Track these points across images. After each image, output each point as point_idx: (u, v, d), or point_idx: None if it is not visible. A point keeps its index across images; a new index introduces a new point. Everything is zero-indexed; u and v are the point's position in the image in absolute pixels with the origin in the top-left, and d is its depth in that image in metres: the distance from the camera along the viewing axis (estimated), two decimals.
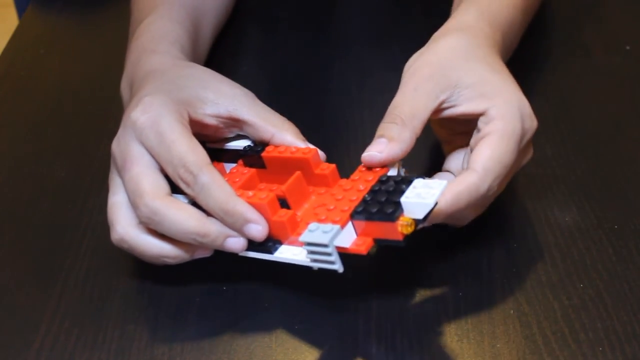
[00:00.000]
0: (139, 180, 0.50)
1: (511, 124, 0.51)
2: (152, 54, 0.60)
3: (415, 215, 0.46)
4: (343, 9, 0.83)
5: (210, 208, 0.50)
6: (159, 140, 0.50)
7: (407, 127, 0.52)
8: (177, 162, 0.50)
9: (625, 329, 0.49)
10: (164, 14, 0.65)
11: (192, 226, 0.49)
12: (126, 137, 0.52)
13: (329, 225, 0.47)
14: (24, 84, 0.77)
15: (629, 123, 0.65)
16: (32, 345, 0.51)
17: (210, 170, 0.50)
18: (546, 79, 0.70)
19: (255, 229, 0.49)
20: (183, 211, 0.49)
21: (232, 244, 0.50)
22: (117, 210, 0.52)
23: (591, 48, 0.74)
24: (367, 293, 0.52)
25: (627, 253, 0.54)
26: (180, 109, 0.52)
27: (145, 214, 0.49)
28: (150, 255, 0.51)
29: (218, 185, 0.49)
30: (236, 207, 0.49)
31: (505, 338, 0.49)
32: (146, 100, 0.52)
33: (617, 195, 0.58)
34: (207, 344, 0.50)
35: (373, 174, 0.51)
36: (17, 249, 0.58)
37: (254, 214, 0.49)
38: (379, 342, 0.49)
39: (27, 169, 0.66)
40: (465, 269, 0.53)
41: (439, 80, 0.53)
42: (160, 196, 0.50)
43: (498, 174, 0.50)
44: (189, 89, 0.54)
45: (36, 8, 0.89)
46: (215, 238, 0.50)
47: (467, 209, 0.50)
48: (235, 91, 0.55)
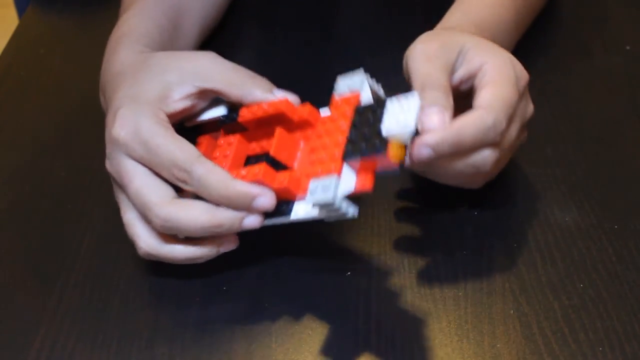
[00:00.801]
0: (142, 194, 0.50)
1: (505, 70, 0.53)
2: (115, 54, 0.59)
3: (402, 140, 0.47)
4: (343, 9, 0.83)
5: (213, 198, 0.50)
6: (145, 149, 0.51)
7: (447, 93, 0.53)
8: (168, 164, 0.50)
9: (625, 329, 0.49)
10: (136, 12, 0.64)
11: (205, 221, 0.49)
12: (115, 155, 0.52)
13: (327, 179, 0.47)
14: (24, 84, 0.77)
15: (629, 123, 0.65)
16: (32, 345, 0.51)
17: (202, 162, 0.50)
18: (546, 79, 0.70)
19: (263, 201, 0.49)
20: (193, 209, 0.50)
21: (250, 223, 0.50)
22: (134, 226, 0.52)
23: (591, 48, 0.74)
24: (367, 293, 0.52)
25: (627, 253, 0.54)
26: (154, 109, 0.52)
27: (158, 224, 0.50)
28: (177, 261, 0.52)
29: (213, 174, 0.49)
30: (237, 189, 0.49)
31: (505, 338, 0.49)
32: (120, 114, 0.52)
33: (617, 195, 0.58)
34: (207, 344, 0.50)
35: (348, 105, 0.50)
36: (17, 249, 0.58)
37: (256, 188, 0.49)
38: (379, 342, 0.49)
39: (27, 169, 0.66)
40: (465, 269, 0.53)
41: (449, 44, 0.55)
42: (166, 203, 0.50)
43: (502, 109, 0.51)
44: (153, 82, 0.54)
45: (36, 8, 0.89)
46: (231, 224, 0.50)
47: (474, 145, 0.51)
48: (195, 63, 0.54)
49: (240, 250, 0.55)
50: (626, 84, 0.69)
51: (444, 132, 0.50)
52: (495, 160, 0.52)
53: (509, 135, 0.53)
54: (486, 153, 0.52)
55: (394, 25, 0.80)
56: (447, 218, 0.57)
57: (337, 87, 0.52)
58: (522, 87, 0.54)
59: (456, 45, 0.55)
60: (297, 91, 0.72)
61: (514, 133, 0.53)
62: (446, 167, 0.52)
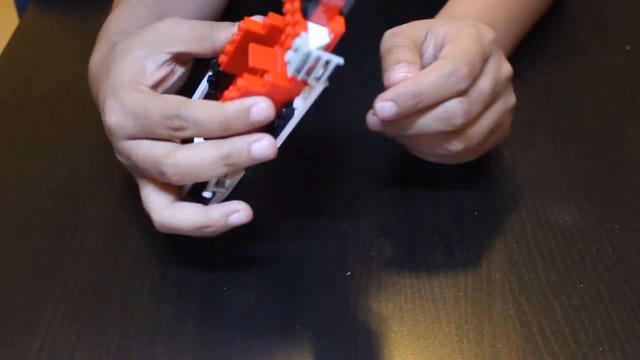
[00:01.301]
0: (149, 156, 0.50)
1: (466, 29, 0.54)
2: (96, 51, 0.60)
3: None
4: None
5: (213, 130, 0.49)
6: (136, 120, 0.50)
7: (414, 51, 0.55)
8: (160, 120, 0.49)
9: (625, 329, 0.49)
10: (119, 14, 0.64)
11: (213, 153, 0.48)
12: (118, 144, 0.52)
13: (297, 40, 0.46)
14: (24, 84, 0.77)
15: (629, 123, 0.65)
16: (32, 345, 0.51)
17: (188, 103, 0.49)
18: (546, 79, 0.70)
19: (259, 108, 0.48)
20: (199, 147, 0.49)
21: (260, 149, 0.48)
22: (147, 200, 0.52)
23: (591, 48, 0.74)
24: (367, 293, 0.52)
25: (627, 253, 0.54)
26: (133, 86, 0.52)
27: (172, 173, 0.49)
28: (188, 229, 0.51)
29: (204, 108, 0.49)
30: (229, 109, 0.48)
31: (505, 338, 0.49)
32: (106, 104, 0.52)
33: (617, 195, 0.58)
34: (207, 344, 0.50)
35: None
36: (17, 249, 0.58)
37: (248, 99, 0.48)
38: (378, 342, 0.49)
39: (27, 169, 0.66)
40: (465, 269, 0.53)
41: (418, 24, 0.57)
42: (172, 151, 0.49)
43: (461, 57, 0.52)
44: (123, 64, 0.54)
45: (36, 8, 0.89)
46: (240, 150, 0.48)
47: (437, 94, 0.52)
48: (158, 32, 0.54)
49: (240, 250, 0.56)
50: (626, 84, 0.69)
51: (404, 84, 0.51)
52: (465, 111, 0.52)
53: (479, 88, 0.53)
54: (452, 103, 0.52)
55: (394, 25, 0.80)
56: (448, 218, 0.57)
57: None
58: (487, 43, 0.54)
59: (424, 25, 0.57)
60: None
61: (485, 87, 0.53)
62: (416, 126, 0.53)
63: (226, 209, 0.50)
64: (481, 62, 0.53)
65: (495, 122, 0.55)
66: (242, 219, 0.50)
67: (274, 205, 0.60)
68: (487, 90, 0.53)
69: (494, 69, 0.54)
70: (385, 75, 0.54)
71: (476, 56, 0.53)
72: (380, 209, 0.58)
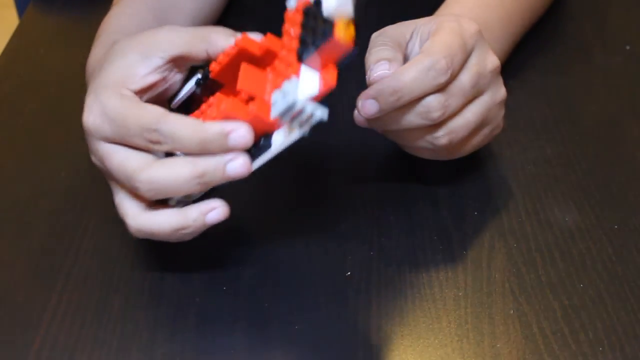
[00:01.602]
0: (122, 167, 0.50)
1: (447, 23, 0.54)
2: (93, 50, 0.60)
3: (345, 14, 0.45)
4: None
5: (189, 148, 0.48)
6: (113, 125, 0.50)
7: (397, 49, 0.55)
8: (138, 130, 0.49)
9: (625, 329, 0.49)
10: (119, 11, 0.64)
11: (188, 171, 0.48)
12: (93, 144, 0.52)
13: (286, 84, 0.46)
14: (24, 84, 0.77)
15: (629, 123, 0.65)
16: (32, 345, 0.51)
17: (168, 117, 0.49)
18: (546, 79, 0.70)
19: (238, 135, 0.48)
20: (173, 164, 0.49)
21: (235, 168, 0.48)
22: (121, 206, 0.52)
23: (591, 48, 0.74)
24: (367, 293, 0.52)
25: (627, 253, 0.54)
26: (116, 89, 0.51)
27: (144, 188, 0.49)
28: (165, 234, 0.51)
29: (182, 125, 0.48)
30: (208, 130, 0.48)
31: (505, 338, 0.49)
32: (87, 103, 0.52)
33: (617, 195, 0.58)
34: (207, 344, 0.50)
35: (298, 13, 0.49)
36: (17, 249, 0.58)
37: (228, 124, 0.48)
38: (378, 342, 0.49)
39: (27, 169, 0.66)
40: (465, 269, 0.53)
41: (405, 24, 0.57)
42: (146, 165, 0.49)
43: (440, 51, 0.52)
44: (113, 66, 0.53)
45: (36, 8, 0.89)
46: (215, 170, 0.48)
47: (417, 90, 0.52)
48: (155, 37, 0.54)
49: (240, 251, 0.56)
50: (626, 84, 0.69)
51: (383, 81, 0.52)
52: (442, 104, 0.52)
53: (459, 81, 0.53)
54: (431, 98, 0.52)
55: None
56: (448, 218, 0.57)
57: (288, 3, 0.49)
58: (469, 35, 0.54)
59: (411, 24, 0.57)
60: None
61: (465, 80, 0.53)
62: (398, 122, 0.53)
63: (202, 208, 0.50)
64: (462, 55, 0.53)
65: (482, 115, 0.55)
66: (220, 217, 0.50)
67: (274, 206, 0.60)
68: (468, 83, 0.53)
69: (477, 62, 0.54)
70: (367, 74, 0.54)
71: (455, 49, 0.53)
72: (380, 209, 0.58)
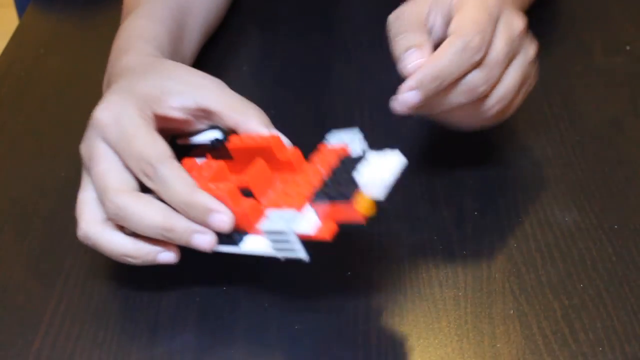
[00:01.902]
0: (104, 177, 0.50)
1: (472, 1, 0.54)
2: (126, 53, 0.59)
3: (374, 194, 0.45)
4: (343, 8, 0.83)
5: (173, 201, 0.49)
6: (120, 136, 0.50)
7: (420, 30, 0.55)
8: (137, 156, 0.49)
9: (625, 329, 0.49)
10: (144, 13, 0.64)
11: (159, 220, 0.49)
12: (91, 136, 0.52)
13: (286, 211, 0.46)
14: (24, 84, 0.77)
15: (629, 123, 0.65)
16: (32, 345, 0.51)
17: (171, 162, 0.49)
18: (546, 79, 0.70)
19: (219, 218, 0.48)
20: (149, 205, 0.49)
21: (200, 241, 0.49)
22: (84, 206, 0.52)
23: (591, 48, 0.74)
24: (367, 293, 0.52)
25: (627, 253, 0.54)
26: (142, 104, 0.52)
27: (111, 210, 0.49)
28: (112, 253, 0.51)
29: (179, 177, 0.49)
30: (198, 198, 0.48)
31: (505, 338, 0.49)
32: (109, 98, 0.52)
33: (617, 195, 0.58)
34: (207, 344, 0.50)
35: (334, 155, 0.49)
36: (17, 249, 0.58)
37: (217, 204, 0.48)
38: (378, 342, 0.49)
39: (27, 169, 0.66)
40: (465, 269, 0.53)
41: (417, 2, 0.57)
42: (126, 191, 0.49)
43: (470, 29, 0.52)
44: (153, 81, 0.53)
45: (36, 8, 0.89)
46: (182, 232, 0.49)
47: (457, 71, 0.52)
48: (203, 81, 0.54)
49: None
50: (626, 84, 0.69)
51: (421, 70, 0.52)
52: (485, 79, 0.53)
53: (494, 51, 0.53)
54: (472, 75, 0.53)
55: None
56: (447, 218, 0.57)
57: (328, 138, 0.51)
58: (493, 5, 0.54)
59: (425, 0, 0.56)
60: (297, 91, 0.73)
61: (500, 50, 0.53)
62: (444, 104, 0.54)
63: (156, 248, 0.50)
64: (491, 27, 0.53)
65: (521, 76, 0.55)
66: (171, 260, 0.51)
67: None
68: (503, 52, 0.54)
69: (505, 29, 0.54)
70: (400, 65, 0.54)
71: (484, 23, 0.53)
72: (380, 209, 0.58)
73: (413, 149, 0.64)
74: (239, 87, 0.59)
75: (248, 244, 0.49)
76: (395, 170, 0.46)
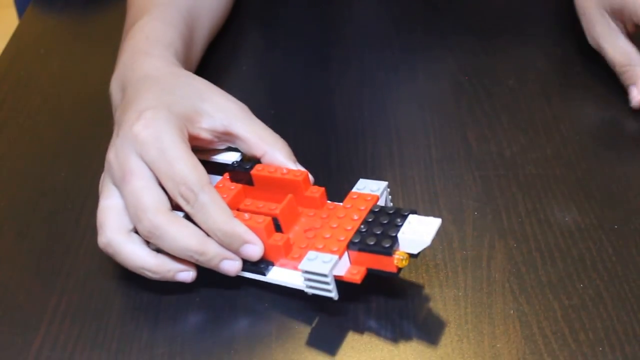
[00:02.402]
0: (142, 195, 0.50)
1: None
2: (146, 56, 0.59)
3: (410, 250, 0.49)
4: (343, 8, 0.83)
5: (209, 227, 0.50)
6: (160, 156, 0.51)
7: None
8: (178, 179, 0.50)
9: (625, 329, 0.49)
10: (159, 16, 0.64)
11: (193, 244, 0.50)
12: (125, 149, 0.52)
13: (327, 255, 0.49)
14: (24, 84, 0.77)
15: (629, 123, 0.65)
16: (32, 345, 0.51)
17: (211, 190, 0.51)
18: (546, 79, 0.70)
19: (252, 249, 0.51)
20: (185, 228, 0.50)
21: (227, 266, 0.51)
22: (109, 214, 0.52)
23: (591, 48, 0.74)
24: (367, 293, 0.52)
25: (627, 253, 0.54)
26: (181, 124, 0.53)
27: (147, 228, 0.50)
28: (132, 265, 0.52)
29: (218, 206, 0.50)
30: (235, 229, 0.50)
31: (505, 338, 0.49)
32: (148, 115, 0.52)
33: (617, 195, 0.58)
34: (207, 344, 0.50)
35: (365, 202, 0.52)
36: (17, 249, 0.58)
37: (252, 236, 0.50)
38: (378, 342, 0.49)
39: (27, 169, 0.66)
40: (465, 269, 0.53)
41: None
42: (162, 211, 0.50)
43: None
44: (188, 100, 0.55)
45: (36, 8, 0.89)
46: (213, 257, 0.51)
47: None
48: (231, 105, 0.56)
49: None
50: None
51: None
52: None
53: None
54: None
55: (394, 25, 0.80)
56: (447, 218, 0.57)
57: (356, 186, 0.53)
58: None
59: None
60: (297, 91, 0.73)
61: None
62: None
63: (178, 267, 0.52)
64: None
65: None
66: (188, 279, 0.52)
67: None
68: None
69: None
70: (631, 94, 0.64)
71: None
72: None
73: (413, 148, 0.64)
74: (239, 87, 0.59)
75: (274, 274, 0.51)
76: (435, 231, 0.49)
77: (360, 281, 0.49)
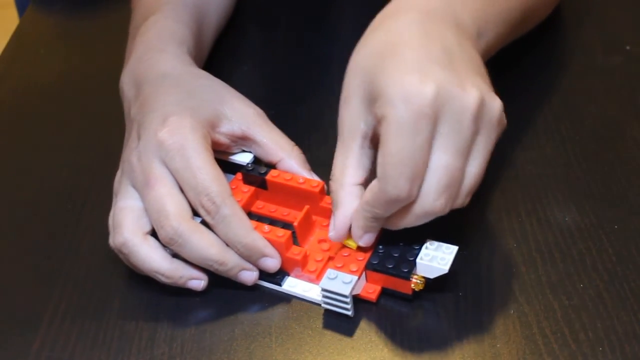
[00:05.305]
0: (165, 202, 0.51)
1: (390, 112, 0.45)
2: (161, 53, 0.59)
3: (426, 274, 0.50)
4: (343, 8, 0.83)
5: (229, 239, 0.51)
6: (184, 165, 0.51)
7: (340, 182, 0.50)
8: (201, 190, 0.51)
9: (625, 329, 0.49)
10: (169, 14, 0.65)
11: (213, 254, 0.50)
12: (149, 154, 0.52)
13: (347, 275, 0.50)
14: (24, 84, 0.77)
15: (629, 123, 0.65)
16: (32, 345, 0.51)
17: (233, 202, 0.51)
18: (546, 79, 0.70)
19: (271, 262, 0.52)
20: (206, 238, 0.51)
21: (245, 277, 0.52)
22: (127, 215, 0.52)
23: (591, 48, 0.74)
24: None
25: (627, 253, 0.54)
26: (205, 132, 0.53)
27: (169, 235, 0.50)
28: (146, 268, 0.52)
29: (239, 219, 0.51)
30: (255, 242, 0.51)
31: (505, 338, 0.49)
32: (173, 122, 0.52)
33: (617, 195, 0.58)
34: (207, 344, 0.50)
35: None
36: (17, 249, 0.58)
37: (271, 250, 0.51)
38: (379, 342, 0.49)
39: (27, 169, 0.66)
40: (465, 269, 0.53)
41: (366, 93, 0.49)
42: (185, 219, 0.51)
43: (394, 175, 0.45)
44: (210, 104, 0.55)
45: (36, 8, 0.89)
46: (232, 268, 0.51)
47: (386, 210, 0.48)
48: (249, 110, 0.56)
49: None
50: (626, 84, 0.69)
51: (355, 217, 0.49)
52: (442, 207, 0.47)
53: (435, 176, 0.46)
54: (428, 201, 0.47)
55: None
56: (448, 219, 0.57)
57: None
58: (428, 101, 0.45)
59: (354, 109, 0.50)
60: (297, 91, 0.73)
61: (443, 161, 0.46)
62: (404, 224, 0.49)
63: (192, 274, 0.52)
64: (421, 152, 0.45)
65: (484, 161, 0.49)
66: (200, 288, 0.52)
67: None
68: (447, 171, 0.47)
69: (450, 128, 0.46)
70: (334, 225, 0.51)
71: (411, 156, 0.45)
72: None
73: None
74: (239, 87, 0.59)
75: (289, 285, 0.53)
76: (453, 258, 0.50)
77: (375, 299, 0.50)
